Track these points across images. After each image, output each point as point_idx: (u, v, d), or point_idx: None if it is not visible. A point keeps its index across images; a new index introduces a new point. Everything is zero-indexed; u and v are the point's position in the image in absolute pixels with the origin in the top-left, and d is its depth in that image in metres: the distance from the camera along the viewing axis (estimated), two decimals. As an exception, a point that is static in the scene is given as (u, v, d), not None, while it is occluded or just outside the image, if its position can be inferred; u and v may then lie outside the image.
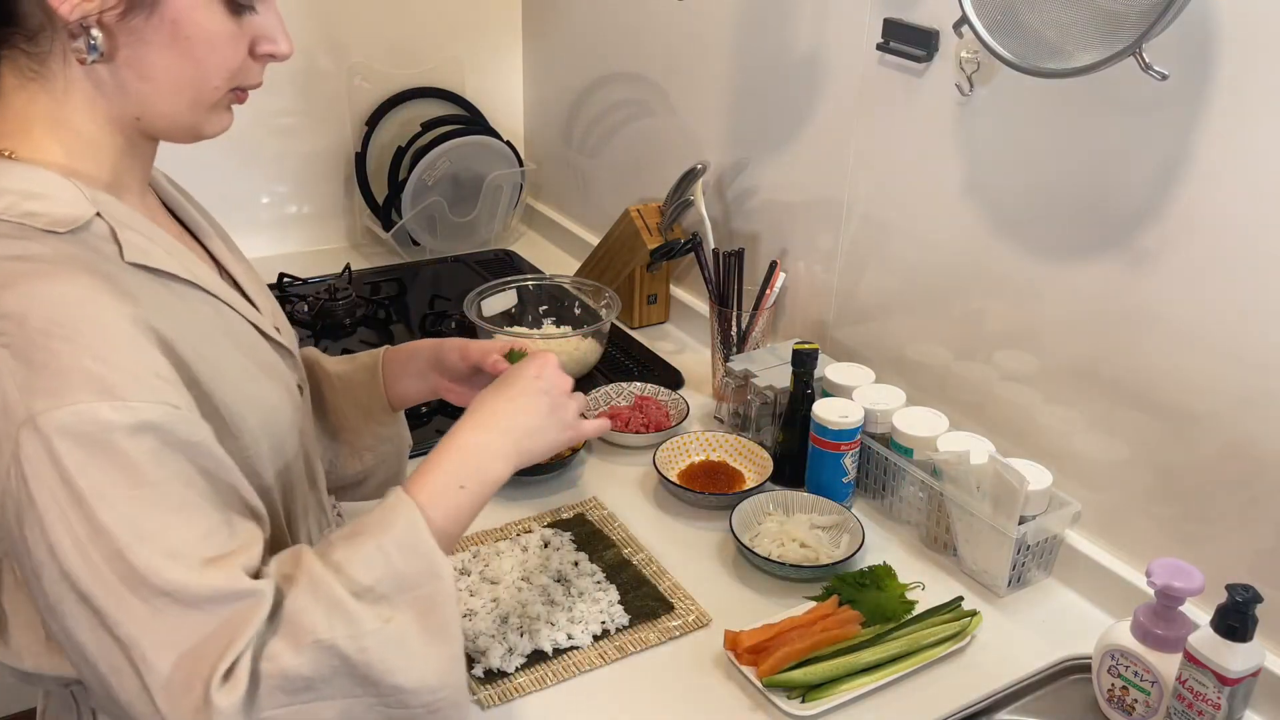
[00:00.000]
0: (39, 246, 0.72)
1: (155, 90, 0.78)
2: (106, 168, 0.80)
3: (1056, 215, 1.16)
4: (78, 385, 0.66)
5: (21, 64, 0.76)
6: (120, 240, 0.77)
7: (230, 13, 0.77)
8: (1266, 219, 0.97)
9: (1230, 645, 0.91)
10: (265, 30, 0.81)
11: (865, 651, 1.07)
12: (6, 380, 0.66)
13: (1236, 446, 1.04)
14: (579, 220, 2.12)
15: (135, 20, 0.74)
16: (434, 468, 0.84)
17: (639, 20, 1.80)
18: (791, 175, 1.53)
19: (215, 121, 0.82)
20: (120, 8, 0.73)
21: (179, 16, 0.75)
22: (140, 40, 0.75)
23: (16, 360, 0.66)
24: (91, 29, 0.73)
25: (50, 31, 0.75)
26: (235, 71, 0.80)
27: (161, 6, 0.74)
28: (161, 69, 0.77)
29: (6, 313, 0.67)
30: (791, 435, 1.36)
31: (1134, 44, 0.94)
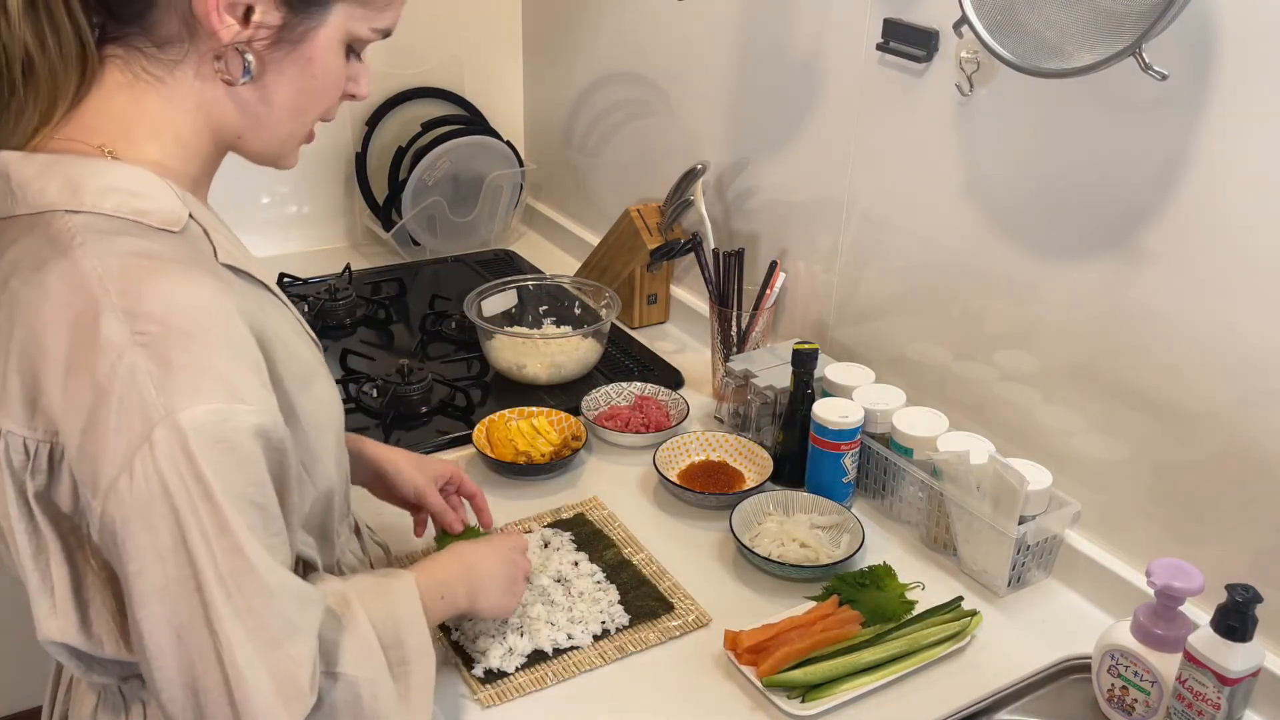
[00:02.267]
0: (161, 245, 0.74)
1: (269, 115, 0.82)
2: (193, 172, 0.82)
3: (1056, 215, 1.17)
4: (210, 386, 0.69)
5: (138, 66, 0.78)
6: (213, 241, 0.79)
7: (345, 58, 0.83)
8: (1266, 219, 0.97)
9: (1230, 645, 0.91)
10: (359, 74, 0.86)
11: (865, 651, 1.07)
12: (144, 378, 0.68)
13: (1236, 446, 1.04)
14: (579, 220, 2.12)
15: (279, 52, 0.79)
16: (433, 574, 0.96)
17: (639, 20, 1.80)
18: (791, 175, 1.53)
19: (294, 156, 0.88)
20: (269, 40, 0.78)
21: (315, 55, 0.80)
22: (277, 70, 0.80)
23: (154, 360, 0.68)
24: (246, 54, 0.77)
25: (186, 45, 0.77)
26: (328, 108, 0.85)
27: (304, 44, 0.79)
28: (284, 97, 0.81)
29: (144, 313, 0.69)
30: (791, 435, 1.36)
31: (1134, 44, 0.94)
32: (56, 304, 0.70)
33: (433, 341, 1.75)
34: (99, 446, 0.68)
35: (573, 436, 1.43)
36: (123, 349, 0.68)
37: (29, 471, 0.72)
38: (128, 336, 0.68)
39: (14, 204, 0.75)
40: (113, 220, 0.74)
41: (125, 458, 0.68)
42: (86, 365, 0.68)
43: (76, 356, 0.69)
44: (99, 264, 0.71)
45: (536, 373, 1.58)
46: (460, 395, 1.54)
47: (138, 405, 0.68)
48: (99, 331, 0.68)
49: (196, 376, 0.69)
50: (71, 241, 0.72)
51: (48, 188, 0.74)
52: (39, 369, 0.70)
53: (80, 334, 0.69)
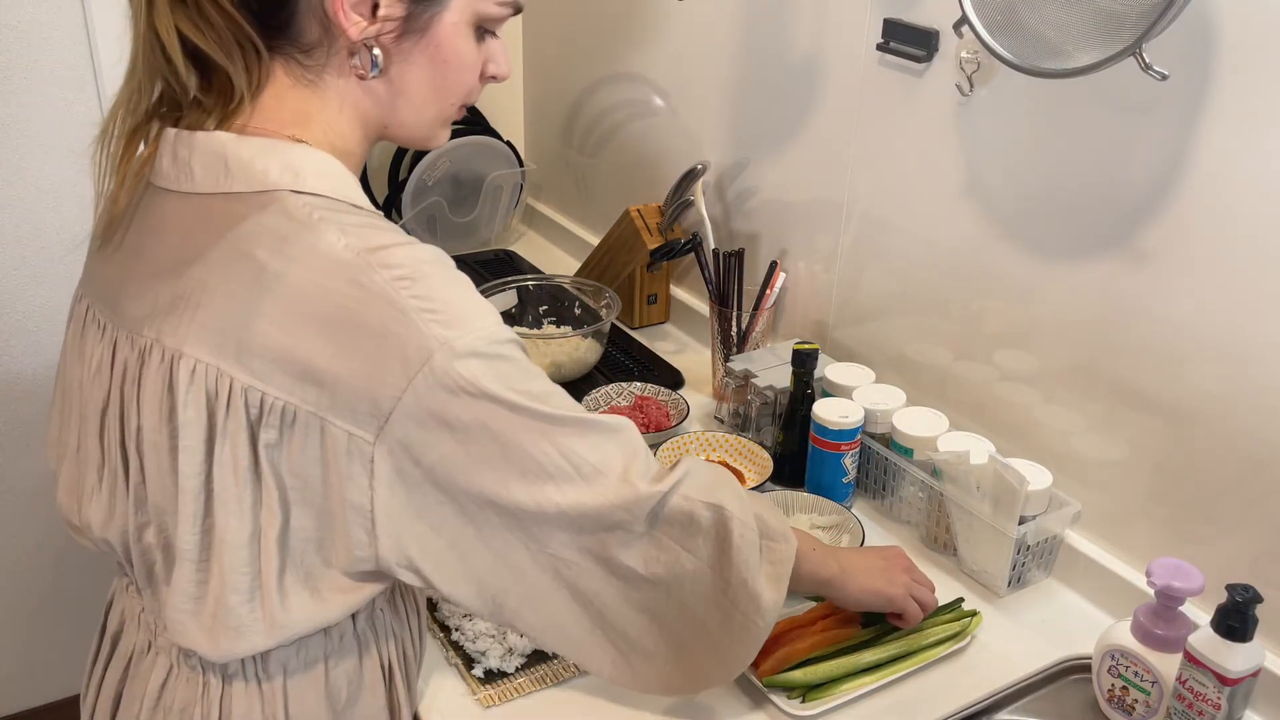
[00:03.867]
0: (370, 219, 0.79)
1: (408, 104, 0.86)
2: (351, 164, 0.86)
3: (1056, 215, 1.17)
4: (474, 313, 0.77)
5: (296, 71, 0.82)
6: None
7: (477, 39, 0.86)
8: (1267, 219, 0.97)
9: (1230, 645, 0.91)
10: (495, 54, 0.89)
11: (865, 651, 1.07)
12: (414, 315, 0.74)
13: (1236, 446, 1.04)
14: (579, 220, 2.12)
15: (406, 43, 0.82)
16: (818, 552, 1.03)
17: (639, 20, 1.80)
18: (791, 175, 1.53)
19: (443, 135, 0.91)
20: (396, 32, 0.81)
21: (442, 41, 0.83)
22: (406, 60, 0.83)
23: (420, 299, 0.75)
24: (374, 48, 0.81)
25: (326, 47, 0.81)
26: (469, 91, 0.88)
27: (430, 32, 0.82)
28: (418, 85, 0.85)
29: (397, 264, 0.76)
30: (791, 435, 1.36)
31: (1134, 44, 0.94)
32: (311, 272, 0.75)
33: (433, 341, 1.75)
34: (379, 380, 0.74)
35: (573, 436, 1.43)
36: (392, 297, 0.74)
37: (263, 425, 0.76)
38: (391, 284, 0.74)
39: (230, 180, 0.79)
40: (332, 200, 0.79)
41: (408, 380, 0.74)
42: (357, 317, 0.74)
43: (346, 314, 0.74)
44: (340, 234, 0.76)
45: (536, 373, 1.58)
46: (460, 395, 1.54)
47: (416, 338, 0.74)
48: (365, 286, 0.74)
49: (459, 307, 0.76)
50: (311, 217, 0.77)
51: (270, 169, 0.78)
52: (294, 332, 0.75)
53: (345, 294, 0.74)
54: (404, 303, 0.74)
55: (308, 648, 0.86)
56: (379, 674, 0.91)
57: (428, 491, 0.78)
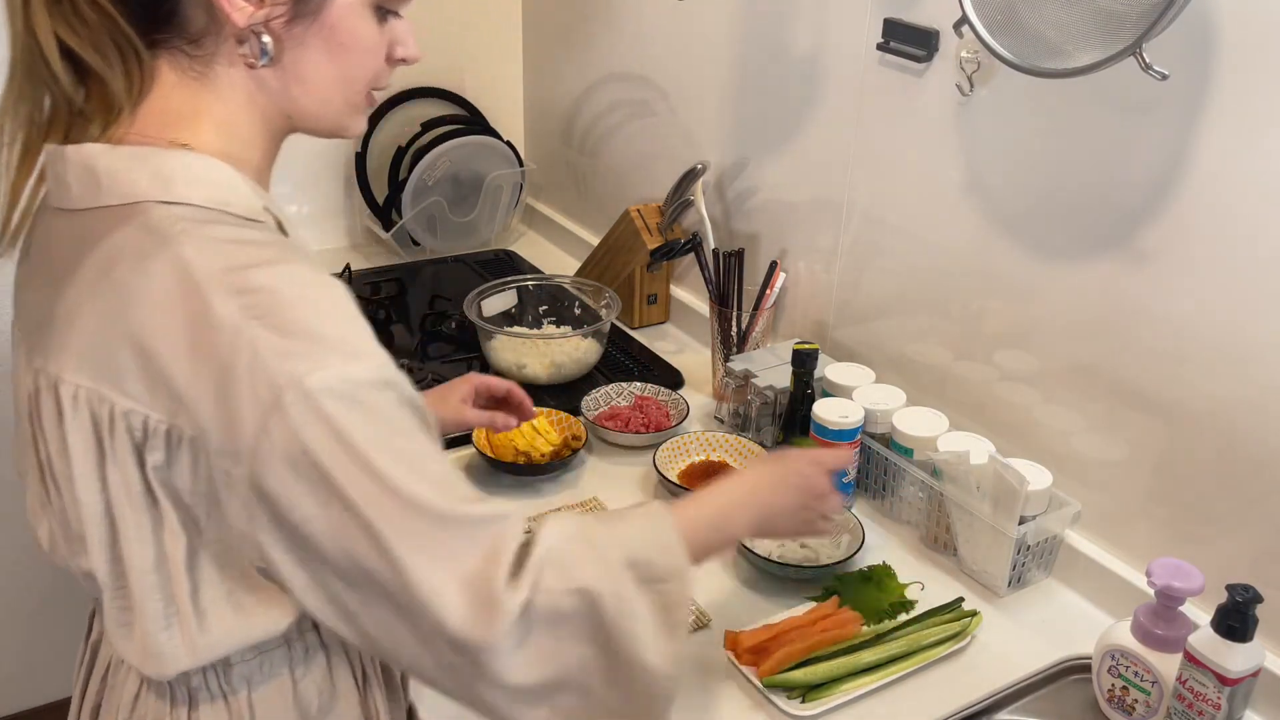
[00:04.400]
0: (249, 233, 0.76)
1: (308, 92, 0.82)
2: (253, 165, 0.83)
3: (1056, 215, 1.16)
4: (330, 350, 0.71)
5: (184, 64, 0.78)
6: (285, 231, 0.81)
7: (378, 20, 0.82)
8: (1267, 219, 0.97)
9: (1230, 645, 0.91)
10: (401, 35, 0.85)
11: (865, 651, 1.07)
12: (263, 348, 0.69)
13: (1236, 446, 1.04)
14: (579, 220, 2.12)
15: (298, 27, 0.78)
16: (695, 503, 0.93)
17: (639, 20, 1.80)
18: (791, 175, 1.53)
19: (357, 123, 0.87)
20: (286, 15, 0.77)
21: (337, 23, 0.79)
22: (300, 45, 0.79)
23: (270, 330, 0.69)
24: (262, 35, 0.77)
25: (215, 36, 0.77)
26: (375, 75, 0.84)
27: (323, 14, 0.78)
28: (317, 72, 0.81)
29: (253, 289, 0.71)
30: (791, 435, 1.36)
31: (1134, 44, 0.94)
32: (166, 291, 0.71)
33: (432, 341, 1.75)
34: (236, 419, 0.69)
35: (573, 436, 1.43)
36: (239, 325, 0.69)
37: (148, 448, 0.73)
38: (241, 312, 0.70)
39: (101, 194, 0.76)
40: (204, 210, 0.75)
41: (260, 424, 0.69)
42: (207, 345, 0.70)
43: (196, 339, 0.70)
44: (199, 251, 0.72)
45: (536, 373, 1.58)
46: (460, 395, 1.54)
47: (264, 376, 0.69)
48: (213, 311, 0.70)
49: (313, 342, 0.70)
50: (172, 230, 0.73)
51: (139, 179, 0.75)
52: (156, 354, 0.71)
53: (195, 317, 0.70)
54: (250, 333, 0.69)
55: (271, 659, 0.84)
56: (352, 682, 0.89)
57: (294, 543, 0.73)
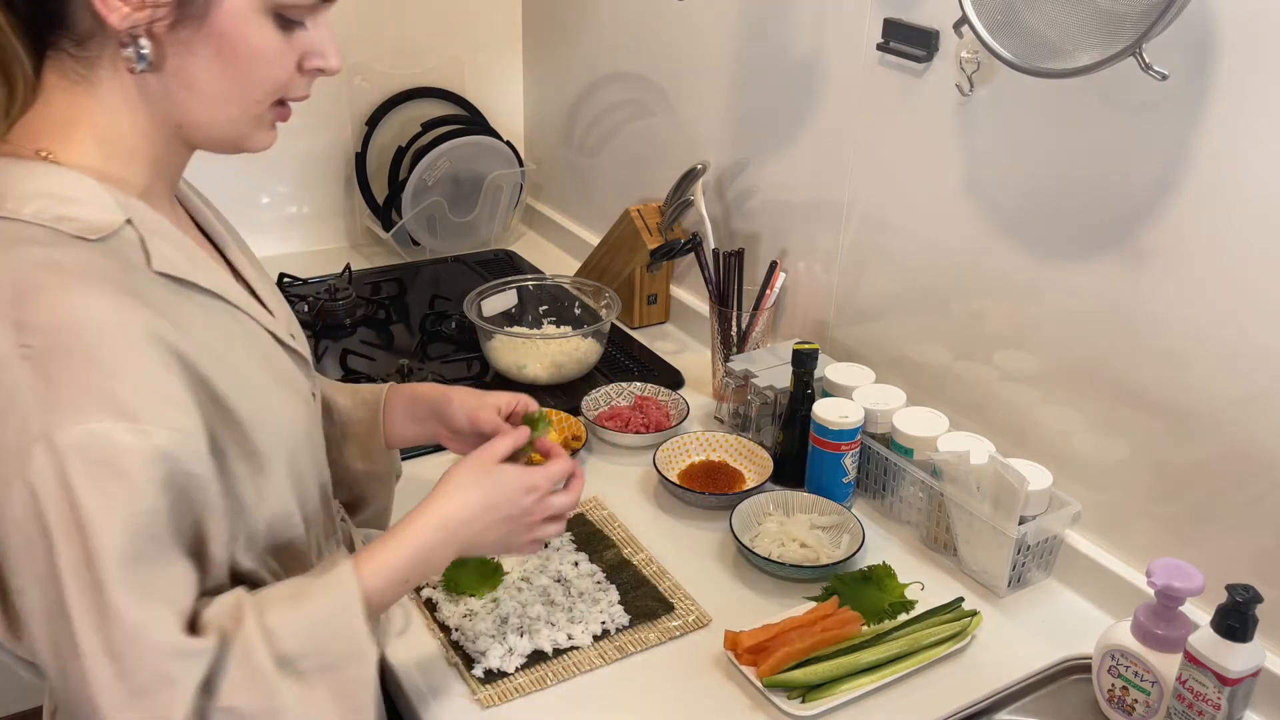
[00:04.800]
0: (69, 254, 0.71)
1: (199, 100, 0.77)
2: (142, 174, 0.79)
3: (1056, 215, 1.16)
4: (95, 404, 0.66)
5: (67, 66, 0.76)
6: (149, 249, 0.76)
7: (279, 28, 0.77)
8: (1266, 219, 0.97)
9: (1230, 645, 0.91)
10: (314, 45, 0.80)
11: (865, 651, 1.07)
12: (26, 393, 0.66)
13: (1236, 446, 1.04)
14: (579, 220, 2.12)
15: (184, 32, 0.74)
16: (390, 555, 0.86)
17: (639, 20, 1.80)
18: (791, 175, 1.53)
19: (259, 137, 0.82)
20: (169, 19, 0.73)
21: (227, 30, 0.75)
22: (188, 51, 0.75)
23: (37, 374, 0.66)
24: (140, 39, 0.73)
25: (100, 38, 0.75)
26: (282, 86, 0.80)
27: (210, 19, 0.74)
28: (206, 80, 0.76)
29: (32, 324, 0.67)
30: (791, 435, 1.36)
31: (1134, 44, 0.94)
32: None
33: (433, 341, 1.75)
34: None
35: (573, 436, 1.43)
36: (6, 361, 0.66)
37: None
38: (13, 348, 0.66)
39: None
40: (28, 227, 0.72)
41: (5, 475, 0.66)
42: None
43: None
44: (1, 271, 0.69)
45: (536, 373, 1.58)
46: (460, 395, 1.54)
47: (16, 422, 0.66)
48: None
49: (79, 393, 0.66)
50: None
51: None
52: None
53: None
54: (14, 372, 0.66)
55: None
56: None
57: None
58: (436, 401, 1.08)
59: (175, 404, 0.71)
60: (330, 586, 0.81)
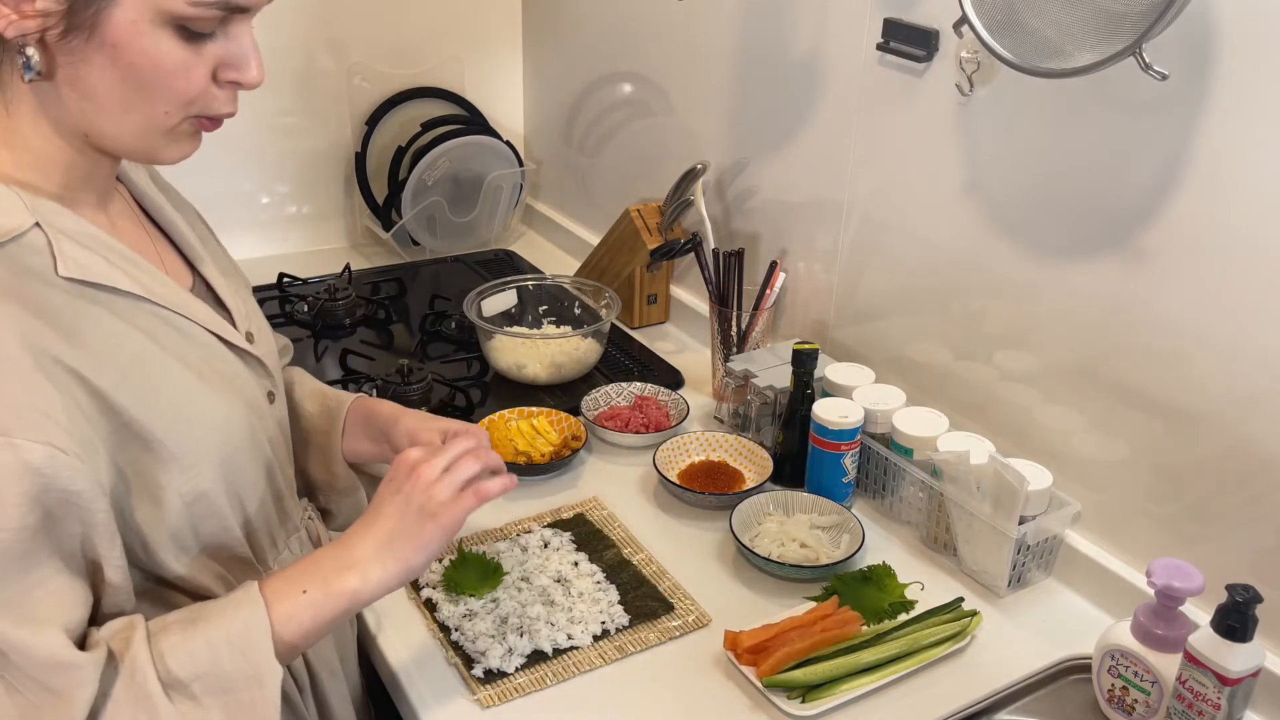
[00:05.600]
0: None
1: (98, 110, 0.75)
2: (55, 179, 0.78)
3: (1056, 215, 1.16)
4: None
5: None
6: (56, 253, 0.75)
7: (183, 39, 0.74)
8: (1266, 218, 0.97)
9: (1230, 645, 0.91)
10: (230, 57, 0.77)
11: (865, 651, 1.07)
12: None
13: (1237, 446, 1.04)
14: (579, 220, 2.12)
15: (75, 41, 0.72)
16: (290, 574, 0.84)
17: (639, 20, 1.80)
18: (791, 175, 1.53)
19: (173, 148, 0.80)
20: (60, 28, 0.71)
21: (119, 41, 0.72)
22: (80, 60, 0.73)
23: None
24: (27, 48, 0.72)
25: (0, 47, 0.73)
26: (193, 99, 0.77)
27: (101, 30, 0.72)
28: (103, 90, 0.74)
29: None
30: (791, 435, 1.36)
31: (1134, 44, 0.94)
32: None
33: (433, 341, 1.75)
34: None
35: (572, 436, 1.43)
36: None
37: None
38: None
39: None
40: None
41: None
42: None
43: None
44: None
45: (536, 373, 1.58)
46: (460, 395, 1.54)
47: None
48: None
49: None
50: None
51: None
52: None
53: None
54: None
55: None
56: None
57: None
58: (386, 421, 1.07)
59: (51, 419, 0.69)
60: (229, 608, 0.79)
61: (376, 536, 0.87)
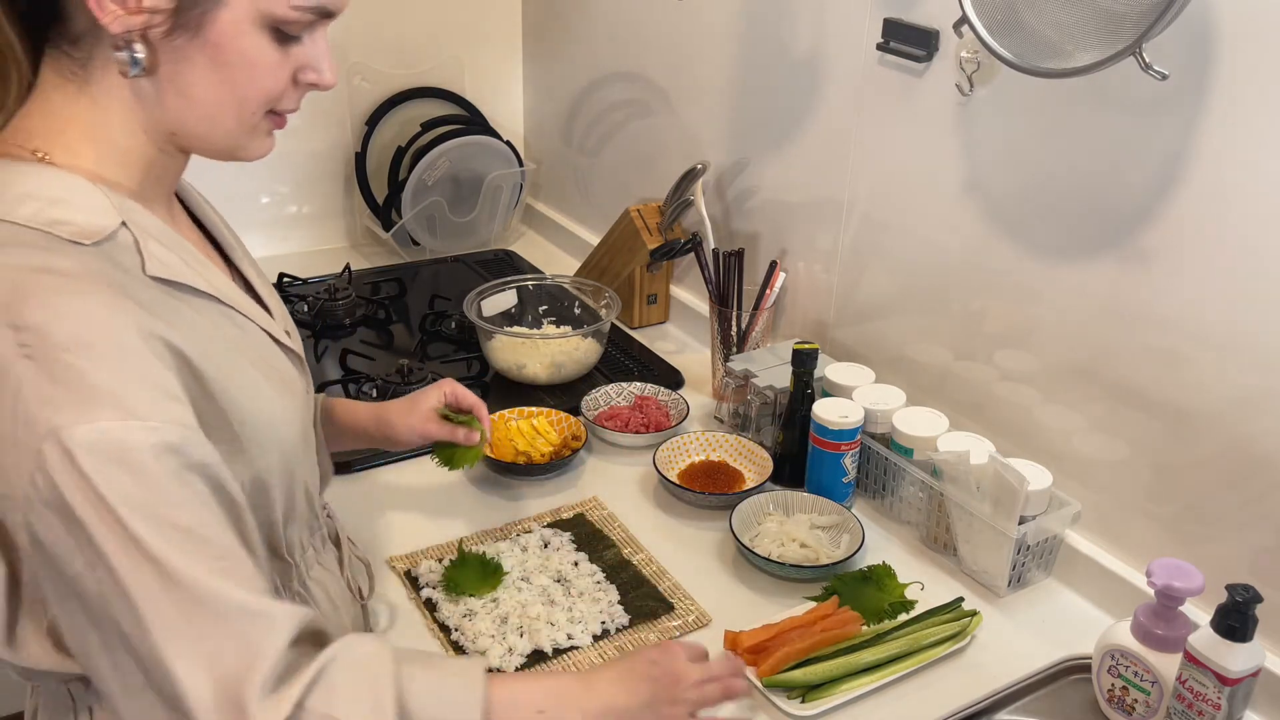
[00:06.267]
0: (62, 259, 0.71)
1: (192, 108, 0.78)
2: (136, 176, 0.79)
3: (1056, 215, 1.16)
4: (99, 403, 0.67)
5: (63, 64, 0.76)
6: (143, 252, 0.77)
7: (276, 41, 0.77)
8: (1266, 218, 0.97)
9: (1230, 645, 0.91)
10: (310, 60, 0.80)
11: (865, 651, 1.07)
12: (28, 391, 0.66)
13: (1236, 446, 1.04)
14: (579, 220, 2.12)
15: (179, 40, 0.74)
16: (527, 685, 0.85)
17: (639, 20, 1.80)
18: (791, 175, 1.53)
19: (254, 146, 0.82)
20: (165, 26, 0.73)
21: (222, 41, 0.75)
22: (183, 59, 0.75)
23: (39, 373, 0.67)
24: (134, 44, 0.73)
25: (94, 38, 0.75)
26: (277, 98, 0.80)
27: (206, 29, 0.74)
28: (201, 89, 0.77)
29: (29, 325, 0.67)
30: (791, 435, 1.36)
31: (1134, 44, 0.94)
32: None
33: (433, 341, 1.75)
34: (4, 461, 0.67)
35: (572, 436, 1.43)
36: (8, 362, 0.67)
37: None
38: (14, 349, 0.67)
39: None
40: (20, 230, 0.72)
41: (26, 472, 0.66)
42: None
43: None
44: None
45: (536, 373, 1.58)
46: (460, 395, 1.54)
47: (25, 421, 0.66)
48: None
49: (82, 393, 0.67)
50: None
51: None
52: None
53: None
54: (17, 371, 0.66)
55: None
56: None
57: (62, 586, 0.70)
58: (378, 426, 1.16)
59: (175, 398, 0.71)
60: (460, 668, 0.80)
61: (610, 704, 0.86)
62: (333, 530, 1.05)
